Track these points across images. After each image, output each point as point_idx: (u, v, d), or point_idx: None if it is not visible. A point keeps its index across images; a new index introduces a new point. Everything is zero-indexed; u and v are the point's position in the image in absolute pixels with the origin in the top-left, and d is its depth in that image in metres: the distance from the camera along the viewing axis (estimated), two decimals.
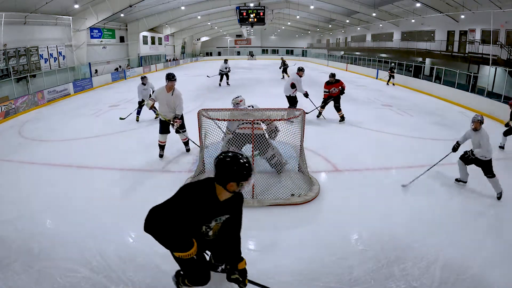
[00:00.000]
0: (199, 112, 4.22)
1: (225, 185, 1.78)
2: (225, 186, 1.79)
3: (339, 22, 28.68)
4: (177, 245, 1.88)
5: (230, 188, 1.79)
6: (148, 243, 3.14)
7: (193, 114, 5.31)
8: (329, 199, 4.07)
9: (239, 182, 1.77)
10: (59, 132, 7.32)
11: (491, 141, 4.24)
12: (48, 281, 2.65)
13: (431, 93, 13.04)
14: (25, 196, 4.14)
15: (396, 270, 2.80)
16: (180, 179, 4.57)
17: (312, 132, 6.79)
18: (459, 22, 15.90)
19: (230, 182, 1.76)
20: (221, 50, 45.42)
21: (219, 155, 1.83)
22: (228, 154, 1.81)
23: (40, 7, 12.48)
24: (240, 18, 17.70)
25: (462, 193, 4.33)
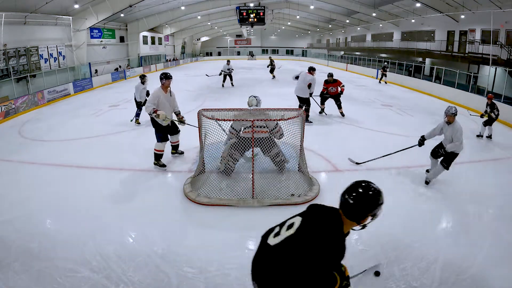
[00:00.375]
0: (199, 112, 4.22)
1: (361, 220, 1.63)
2: (359, 221, 1.63)
3: (339, 22, 28.68)
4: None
5: (363, 222, 1.65)
6: (148, 243, 3.16)
7: (193, 114, 5.32)
8: (329, 199, 4.05)
9: (375, 214, 1.64)
10: (59, 132, 7.32)
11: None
12: (48, 281, 2.65)
13: (431, 93, 13.04)
14: (25, 196, 4.14)
15: (396, 270, 2.80)
16: (180, 179, 4.57)
17: (312, 132, 6.79)
18: (459, 22, 15.90)
19: (368, 216, 1.62)
20: (221, 50, 45.43)
21: (356, 189, 1.68)
22: (368, 187, 1.68)
23: (40, 7, 12.48)
24: (240, 18, 17.70)
25: (462, 193, 4.33)
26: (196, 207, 3.86)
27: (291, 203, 3.88)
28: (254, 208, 3.82)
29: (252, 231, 3.41)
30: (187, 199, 4.01)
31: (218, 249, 3.09)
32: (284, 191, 4.07)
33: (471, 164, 5.38)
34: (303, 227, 1.59)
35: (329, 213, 1.67)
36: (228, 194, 4.00)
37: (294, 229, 1.59)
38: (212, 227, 3.49)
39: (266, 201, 3.88)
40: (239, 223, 3.55)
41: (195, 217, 3.70)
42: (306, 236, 1.55)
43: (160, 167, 4.99)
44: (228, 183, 4.29)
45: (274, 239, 1.62)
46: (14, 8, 11.59)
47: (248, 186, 4.08)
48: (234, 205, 3.85)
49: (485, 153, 5.97)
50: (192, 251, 3.04)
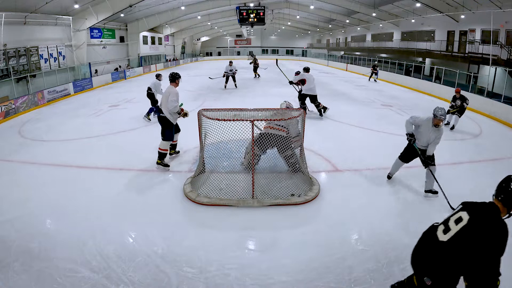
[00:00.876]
0: (199, 112, 4.22)
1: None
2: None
3: (339, 22, 28.69)
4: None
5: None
6: (148, 243, 3.16)
7: (193, 114, 5.32)
8: (329, 199, 4.07)
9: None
10: (59, 132, 7.32)
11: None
12: (48, 281, 2.65)
13: (431, 93, 13.04)
14: (25, 196, 4.14)
15: (396, 270, 2.80)
16: (180, 179, 4.58)
17: (312, 132, 6.79)
18: (459, 22, 15.91)
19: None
20: (221, 50, 45.44)
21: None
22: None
23: (40, 7, 12.48)
24: (240, 18, 17.68)
25: (461, 194, 4.32)
26: (196, 207, 3.86)
27: (291, 203, 3.88)
28: (254, 208, 3.82)
29: (252, 231, 3.42)
30: (187, 199, 4.01)
31: (218, 249, 3.09)
32: (284, 191, 4.07)
33: (471, 164, 5.38)
34: (474, 218, 1.76)
35: (489, 204, 1.81)
36: (228, 194, 4.00)
37: (465, 221, 1.77)
38: (212, 227, 3.49)
39: (266, 201, 3.88)
40: (239, 223, 3.55)
41: (195, 217, 3.70)
42: (481, 224, 1.72)
43: (163, 166, 5.02)
44: (228, 183, 4.29)
45: (445, 236, 1.82)
46: (14, 8, 11.59)
47: (248, 186, 4.08)
48: (234, 205, 3.85)
49: (485, 153, 5.96)
50: (192, 251, 3.04)
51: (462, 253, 1.72)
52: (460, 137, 6.94)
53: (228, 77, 13.76)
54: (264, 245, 3.21)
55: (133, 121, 8.07)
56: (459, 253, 1.73)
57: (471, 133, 7.31)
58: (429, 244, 1.89)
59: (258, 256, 3.03)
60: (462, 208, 1.88)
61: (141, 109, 9.45)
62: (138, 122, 8.00)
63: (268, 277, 2.72)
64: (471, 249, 1.70)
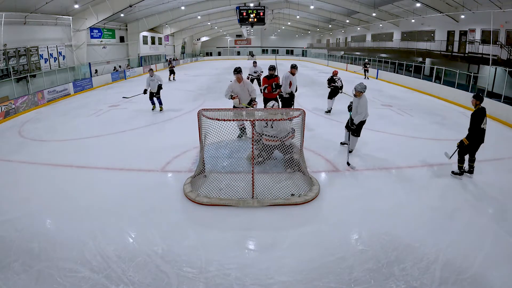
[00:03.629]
0: (199, 112, 4.22)
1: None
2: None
3: (339, 22, 28.69)
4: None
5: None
6: (148, 243, 3.16)
7: (193, 114, 5.32)
8: (329, 199, 4.07)
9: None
10: (59, 132, 7.32)
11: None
12: (48, 281, 2.65)
13: (431, 93, 13.04)
14: (25, 196, 4.14)
15: (396, 270, 2.80)
16: (180, 179, 4.57)
17: (312, 132, 6.79)
18: (459, 22, 15.90)
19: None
20: (221, 50, 45.44)
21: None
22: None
23: (40, 7, 12.48)
24: (240, 18, 17.65)
25: (462, 193, 4.33)
26: (196, 207, 3.86)
27: (291, 203, 3.88)
28: (254, 208, 3.82)
29: (252, 231, 3.42)
30: (187, 199, 4.01)
31: (218, 249, 3.09)
32: (284, 191, 4.07)
33: None
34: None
35: None
36: (228, 194, 4.00)
37: None
38: (212, 227, 3.49)
39: (266, 201, 3.88)
40: (239, 223, 3.55)
41: (195, 217, 3.70)
42: None
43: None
44: (228, 183, 4.29)
45: None
46: (14, 8, 11.59)
47: (248, 186, 4.08)
48: (234, 205, 3.85)
49: (485, 153, 5.96)
50: (192, 251, 3.04)
51: None
52: (460, 137, 6.92)
53: (252, 80, 11.77)
54: (264, 245, 3.21)
55: (133, 121, 8.06)
56: None
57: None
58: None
59: (258, 256, 3.03)
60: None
61: (141, 109, 9.45)
62: (138, 122, 8.00)
63: (268, 277, 2.72)
64: None
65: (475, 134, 4.47)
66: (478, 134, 4.51)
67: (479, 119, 4.43)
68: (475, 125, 4.43)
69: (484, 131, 4.53)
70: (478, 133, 4.50)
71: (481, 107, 4.51)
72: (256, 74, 11.89)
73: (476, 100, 4.55)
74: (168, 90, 13.79)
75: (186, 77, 18.88)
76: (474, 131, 4.45)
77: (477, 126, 4.43)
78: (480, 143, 4.60)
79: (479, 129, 4.46)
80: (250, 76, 11.93)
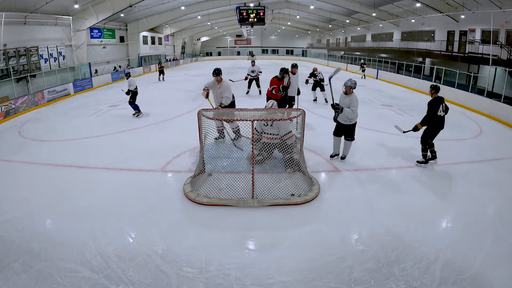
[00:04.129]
0: (199, 112, 4.22)
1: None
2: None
3: (339, 22, 28.68)
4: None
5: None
6: (148, 243, 3.16)
7: (193, 114, 5.32)
8: (329, 199, 4.07)
9: None
10: (59, 132, 7.32)
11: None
12: (48, 281, 2.65)
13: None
14: (25, 196, 4.14)
15: (396, 270, 2.80)
16: (180, 179, 4.57)
17: (312, 132, 6.79)
18: (459, 22, 15.90)
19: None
20: (221, 50, 45.43)
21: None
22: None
23: (40, 7, 12.48)
24: (240, 18, 17.65)
25: (462, 193, 4.33)
26: (196, 207, 3.86)
27: (291, 203, 3.88)
28: (254, 208, 3.82)
29: (252, 231, 3.42)
30: (187, 199, 4.01)
31: (218, 249, 3.09)
32: (284, 191, 4.07)
33: (471, 164, 5.38)
34: None
35: None
36: (228, 194, 4.00)
37: None
38: (212, 227, 3.49)
39: (266, 201, 3.88)
40: (239, 223, 3.55)
41: (195, 217, 3.70)
42: None
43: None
44: (228, 183, 4.29)
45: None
46: (14, 8, 11.59)
47: (248, 186, 4.08)
48: (234, 205, 3.85)
49: (485, 153, 5.97)
50: (192, 251, 3.04)
51: None
52: (460, 137, 6.94)
53: (251, 80, 11.53)
54: (264, 245, 3.21)
55: (133, 121, 8.06)
56: None
57: (471, 133, 7.31)
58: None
59: (258, 256, 3.03)
60: None
61: (141, 109, 9.45)
62: (138, 122, 8.00)
63: (268, 277, 2.72)
64: None
65: (432, 121, 4.91)
66: (436, 121, 4.90)
67: (435, 107, 4.87)
68: (431, 112, 4.89)
69: (442, 118, 4.95)
70: (435, 120, 4.90)
71: (438, 96, 4.96)
72: (254, 74, 11.51)
73: (432, 90, 5.06)
74: (169, 90, 13.81)
75: (186, 77, 18.88)
76: (429, 118, 4.90)
77: (433, 113, 4.88)
78: (439, 129, 5.00)
79: (435, 116, 4.89)
80: (249, 76, 11.59)
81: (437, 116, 4.88)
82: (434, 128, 4.96)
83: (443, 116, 4.94)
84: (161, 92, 13.26)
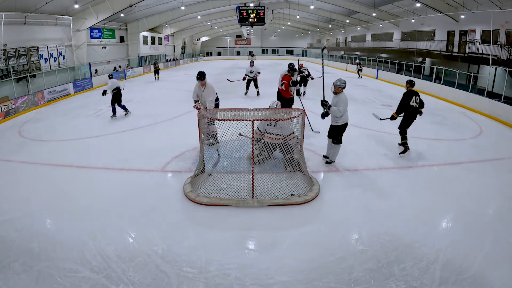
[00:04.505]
0: (199, 112, 4.22)
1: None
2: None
3: (339, 22, 28.68)
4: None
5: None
6: (148, 243, 3.16)
7: (193, 114, 5.32)
8: (329, 199, 4.07)
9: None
10: (59, 132, 7.32)
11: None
12: (48, 281, 2.65)
13: (431, 93, 13.04)
14: (25, 196, 4.14)
15: (396, 270, 2.80)
16: (180, 179, 4.57)
17: (312, 132, 6.78)
18: (459, 22, 15.90)
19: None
20: (221, 50, 45.43)
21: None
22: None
23: (40, 7, 12.47)
24: (240, 18, 17.64)
25: (461, 193, 4.33)
26: (196, 207, 3.86)
27: (291, 203, 3.88)
28: (254, 208, 3.82)
29: (252, 231, 3.42)
30: (187, 199, 4.01)
31: (218, 249, 3.09)
32: (284, 191, 4.07)
33: (471, 164, 5.38)
34: None
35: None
36: (228, 194, 4.00)
37: None
38: (212, 227, 3.49)
39: (266, 201, 3.88)
40: (239, 223, 3.55)
41: (195, 217, 3.70)
42: None
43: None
44: (228, 183, 4.29)
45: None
46: (14, 8, 11.58)
47: (248, 186, 4.08)
48: (234, 205, 3.85)
49: (485, 153, 5.97)
50: (192, 251, 3.04)
51: None
52: (460, 137, 6.94)
53: (249, 81, 11.42)
54: (264, 245, 3.21)
55: (133, 121, 8.07)
56: None
57: (471, 133, 7.31)
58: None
59: (258, 256, 3.03)
60: None
61: (141, 109, 9.46)
62: (138, 122, 8.00)
63: (268, 277, 2.72)
64: None
65: (406, 110, 5.54)
66: (409, 111, 5.50)
67: (408, 98, 5.50)
68: (404, 102, 5.53)
69: (415, 109, 5.52)
70: (408, 110, 5.50)
71: (411, 90, 5.61)
72: (252, 74, 11.32)
73: (407, 84, 5.72)
74: (169, 90, 13.80)
75: (186, 77, 18.87)
76: (402, 107, 5.55)
77: (405, 103, 5.51)
78: (412, 119, 5.56)
79: (408, 106, 5.50)
80: (247, 76, 11.41)
81: (409, 106, 5.48)
82: (408, 117, 5.55)
83: (416, 107, 5.51)
84: (161, 92, 13.26)
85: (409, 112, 5.52)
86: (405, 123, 5.59)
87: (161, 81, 16.93)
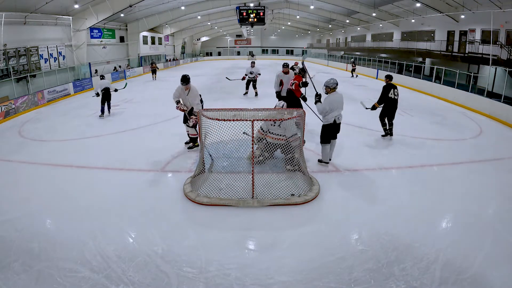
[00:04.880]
0: (199, 112, 4.22)
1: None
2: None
3: (339, 22, 28.69)
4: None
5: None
6: (148, 243, 3.16)
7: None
8: (329, 199, 4.07)
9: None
10: (59, 132, 7.32)
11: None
12: (48, 281, 2.65)
13: (431, 93, 13.04)
14: (25, 196, 4.14)
15: (396, 270, 2.80)
16: (180, 179, 4.57)
17: (312, 132, 6.78)
18: (459, 22, 15.90)
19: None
20: (221, 50, 45.44)
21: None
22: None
23: (40, 7, 12.48)
24: (240, 18, 17.65)
25: (461, 193, 4.33)
26: (196, 207, 3.86)
27: (291, 203, 3.88)
28: (254, 208, 3.82)
29: (252, 231, 3.42)
30: (187, 199, 4.01)
31: (218, 249, 3.09)
32: (284, 191, 4.07)
33: (471, 164, 5.38)
34: None
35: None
36: (228, 194, 4.00)
37: None
38: (212, 227, 3.49)
39: (266, 201, 3.88)
40: (239, 223, 3.55)
41: (195, 217, 3.70)
42: None
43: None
44: (228, 183, 4.30)
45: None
46: (14, 8, 11.59)
47: (248, 186, 4.08)
48: (234, 205, 3.85)
49: (485, 153, 5.97)
50: (192, 251, 3.04)
51: None
52: (460, 137, 6.94)
53: (249, 82, 11.47)
54: (264, 245, 3.21)
55: (133, 121, 8.07)
56: None
57: (471, 133, 7.31)
58: None
59: (258, 256, 3.03)
60: None
61: (141, 109, 9.46)
62: (138, 122, 8.00)
63: (268, 277, 2.72)
64: None
65: (386, 101, 6.35)
66: (389, 102, 6.32)
67: (387, 90, 6.32)
68: (384, 94, 6.35)
69: (394, 100, 6.34)
70: (388, 101, 6.32)
71: (390, 83, 6.44)
72: (252, 75, 11.33)
73: (387, 78, 6.56)
74: (169, 90, 13.77)
75: None
76: (382, 98, 6.36)
77: (385, 95, 6.33)
78: (393, 110, 6.42)
79: (387, 97, 6.32)
80: (247, 77, 11.41)
81: (388, 97, 6.31)
82: (388, 108, 6.38)
83: (395, 98, 6.34)
84: (161, 92, 13.25)
85: (388, 103, 6.34)
86: (385, 113, 6.46)
87: (161, 81, 16.95)
